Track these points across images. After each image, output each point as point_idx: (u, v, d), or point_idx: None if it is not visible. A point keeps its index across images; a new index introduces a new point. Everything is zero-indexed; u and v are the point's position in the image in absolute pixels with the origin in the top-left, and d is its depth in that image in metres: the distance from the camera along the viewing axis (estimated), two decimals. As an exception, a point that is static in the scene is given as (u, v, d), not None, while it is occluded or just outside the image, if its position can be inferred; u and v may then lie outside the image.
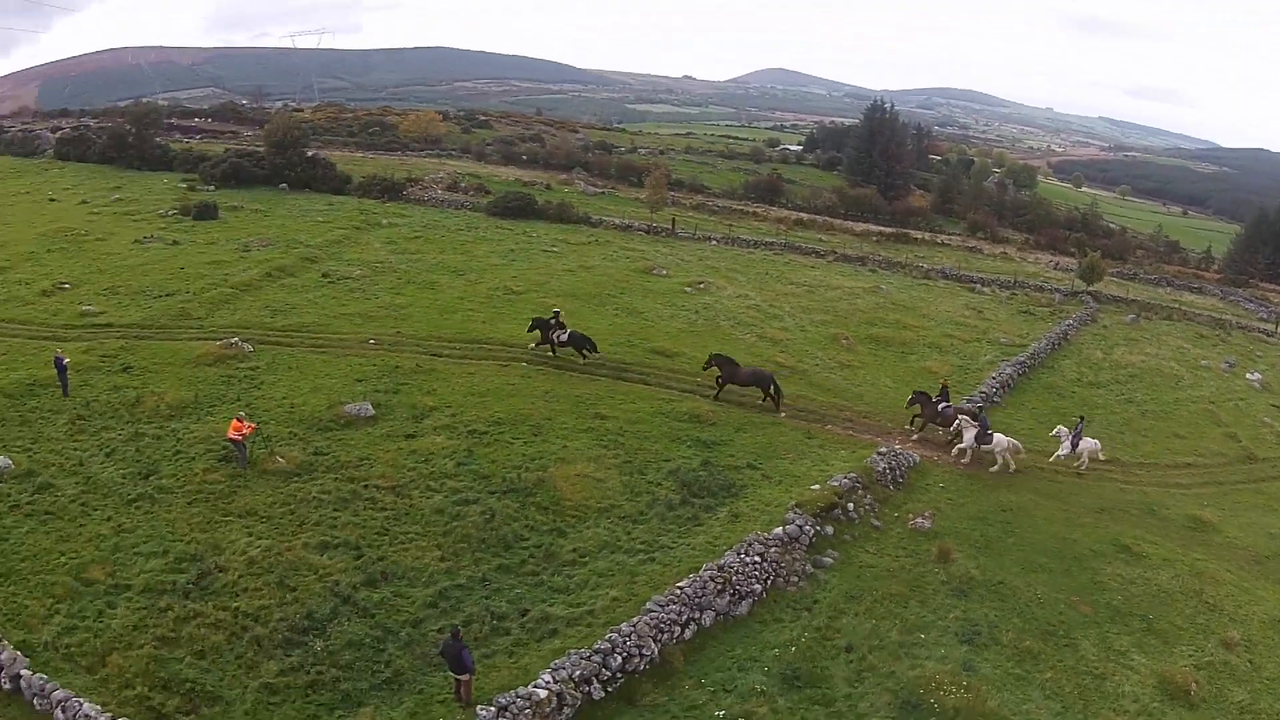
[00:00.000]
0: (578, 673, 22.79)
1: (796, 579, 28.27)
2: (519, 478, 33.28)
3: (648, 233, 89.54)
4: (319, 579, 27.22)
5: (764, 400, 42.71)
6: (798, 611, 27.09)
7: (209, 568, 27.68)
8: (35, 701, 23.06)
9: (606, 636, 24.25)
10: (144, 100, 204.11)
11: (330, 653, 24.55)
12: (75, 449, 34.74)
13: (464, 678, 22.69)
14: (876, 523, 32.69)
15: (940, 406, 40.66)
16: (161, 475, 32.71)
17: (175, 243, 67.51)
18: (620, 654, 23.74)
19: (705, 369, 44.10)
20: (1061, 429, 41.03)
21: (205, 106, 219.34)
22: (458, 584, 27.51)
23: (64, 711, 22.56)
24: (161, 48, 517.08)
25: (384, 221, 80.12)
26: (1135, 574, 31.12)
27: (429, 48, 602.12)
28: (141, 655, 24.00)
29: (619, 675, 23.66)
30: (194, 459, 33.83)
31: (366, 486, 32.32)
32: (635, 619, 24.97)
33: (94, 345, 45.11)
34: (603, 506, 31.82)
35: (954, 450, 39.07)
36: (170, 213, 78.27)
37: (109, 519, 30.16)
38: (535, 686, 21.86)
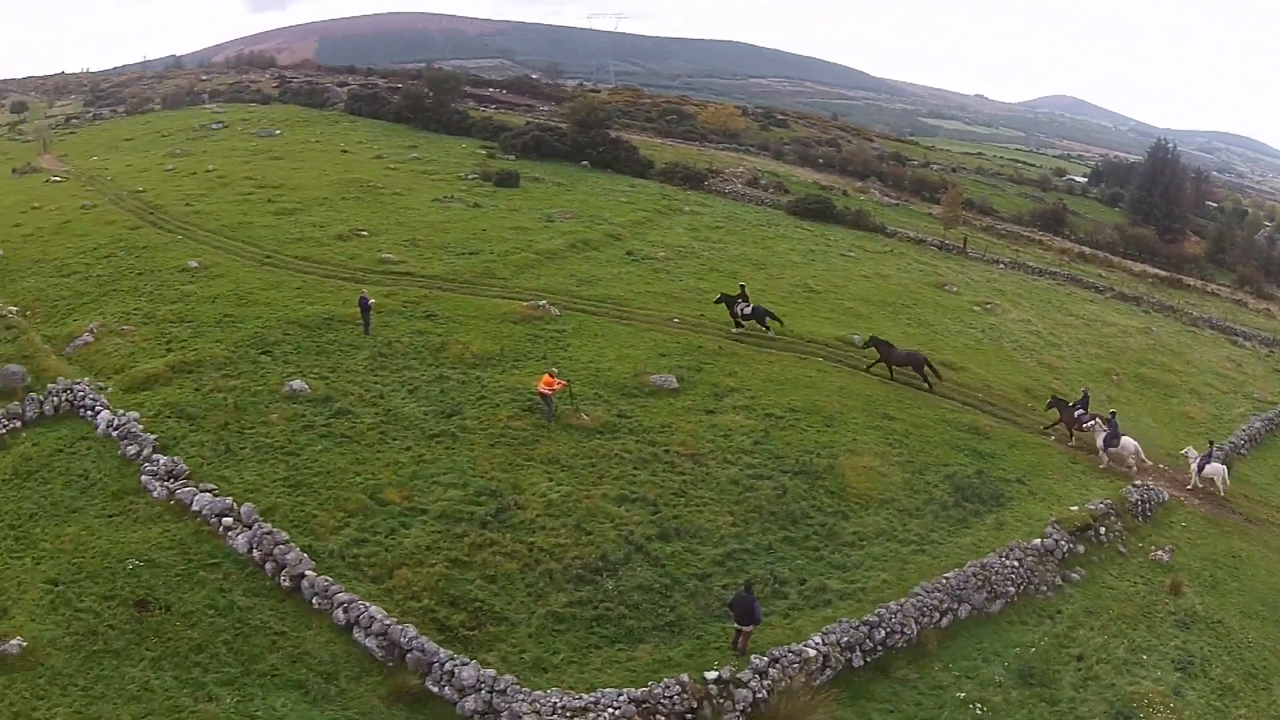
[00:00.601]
0: (845, 639, 29.06)
1: (1045, 588, 34.71)
2: (810, 461, 40.00)
3: (939, 249, 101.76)
4: (614, 527, 34.07)
5: (922, 380, 51.81)
6: (1041, 618, 33.37)
7: (509, 504, 34.73)
8: (315, 601, 29.91)
9: (875, 611, 30.40)
10: (435, 65, 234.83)
11: (620, 592, 31.10)
12: (375, 382, 43.86)
13: (748, 628, 28.32)
14: (1122, 549, 39.15)
15: (1078, 414, 48.27)
16: (465, 416, 41.01)
17: (476, 205, 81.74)
18: (884, 629, 29.96)
19: (864, 348, 53.78)
20: (1190, 450, 47.07)
21: (498, 77, 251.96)
22: (745, 548, 34.16)
23: (345, 612, 29.23)
24: (452, 16, 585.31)
25: (686, 208, 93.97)
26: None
27: (724, 41, 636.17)
28: (432, 573, 30.98)
29: (879, 648, 29.78)
30: (498, 406, 42.09)
31: (667, 451, 39.58)
32: (902, 600, 31.23)
33: (395, 291, 55.17)
34: (884, 498, 38.63)
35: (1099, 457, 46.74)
36: (470, 176, 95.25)
37: (408, 449, 38.41)
38: (806, 645, 28.24)
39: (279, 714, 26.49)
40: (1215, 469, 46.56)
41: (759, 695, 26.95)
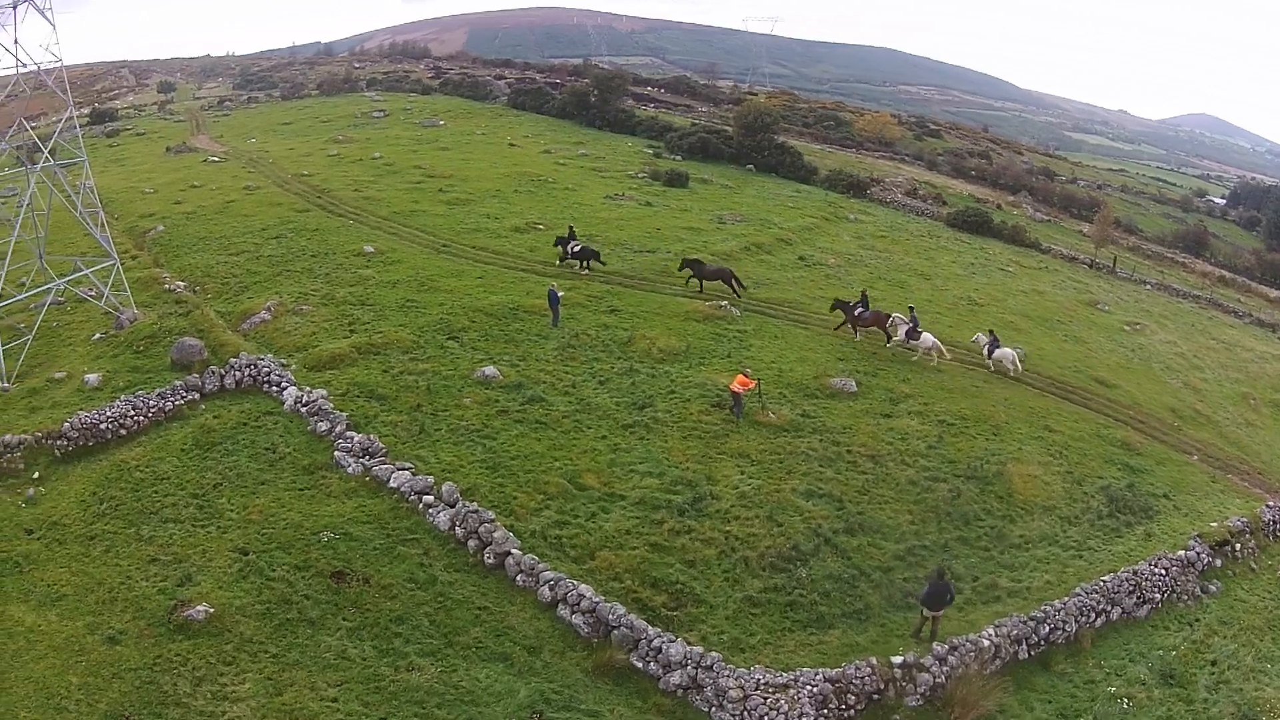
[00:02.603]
0: (1014, 633, 31.76)
1: (1186, 598, 37.17)
2: (980, 467, 42.54)
3: (1090, 266, 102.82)
4: (803, 520, 36.68)
5: (732, 291, 60.20)
6: (1181, 625, 35.65)
7: (704, 493, 37.22)
8: (519, 578, 31.87)
9: (1041, 608, 33.05)
10: (590, 61, 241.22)
11: (811, 580, 33.82)
12: (566, 372, 46.23)
13: (939, 613, 31.35)
14: (1254, 565, 40.82)
15: (858, 312, 56.00)
16: (656, 409, 43.49)
17: (648, 204, 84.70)
18: (1048, 625, 32.56)
19: (680, 271, 62.23)
20: (979, 336, 56.61)
21: (656, 76, 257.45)
22: (924, 544, 36.98)
23: (551, 589, 31.10)
24: (604, 13, 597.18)
25: (851, 216, 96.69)
26: None
27: (874, 47, 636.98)
28: (633, 556, 33.40)
29: (1042, 643, 32.43)
30: (688, 400, 44.64)
31: (849, 451, 42.23)
32: (1065, 599, 33.79)
33: (577, 285, 57.55)
34: (1046, 505, 41.11)
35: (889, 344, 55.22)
36: (640, 175, 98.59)
37: (603, 437, 40.65)
38: (981, 636, 31.00)
39: (483, 684, 28.10)
40: (1005, 353, 55.17)
41: (938, 680, 29.70)
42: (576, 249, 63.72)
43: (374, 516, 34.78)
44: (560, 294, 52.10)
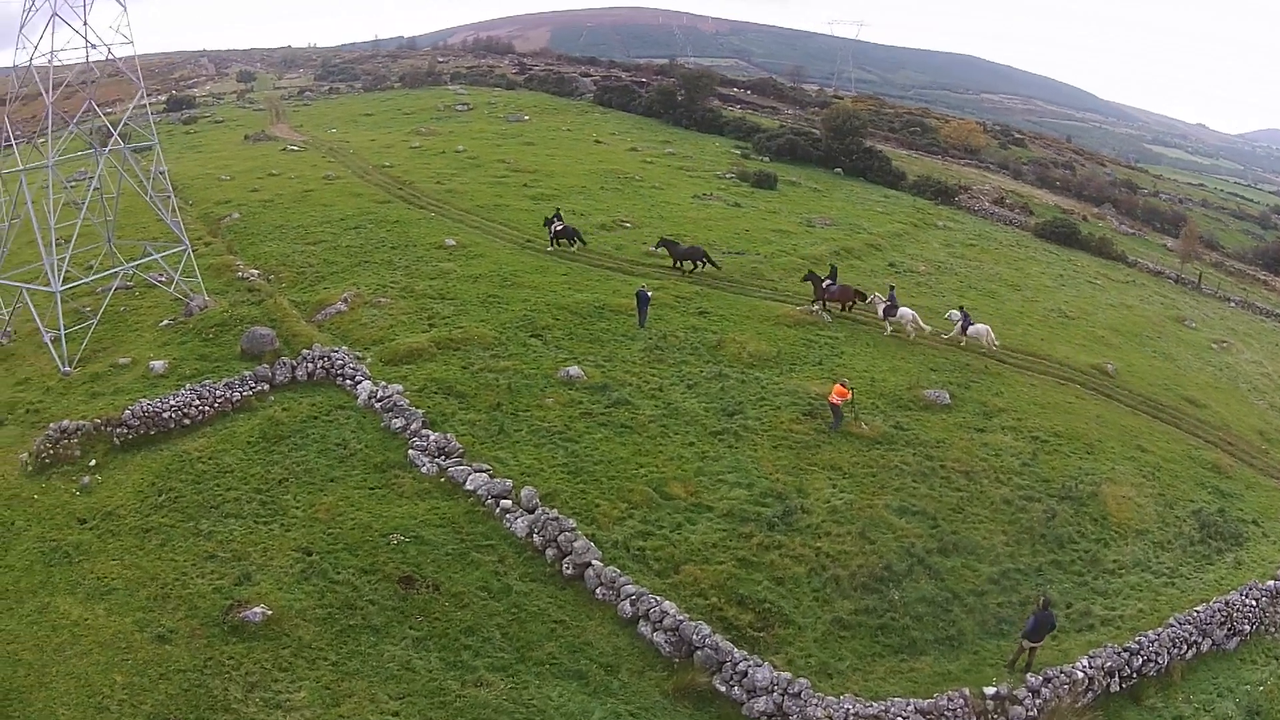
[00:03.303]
0: (1108, 664, 30.39)
1: (1274, 629, 35.85)
2: (1075, 487, 41.17)
3: (1175, 282, 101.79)
4: (896, 538, 35.44)
5: (696, 268, 62.78)
6: (1269, 658, 34.40)
7: (794, 507, 36.03)
8: (599, 591, 30.61)
9: (1134, 639, 31.74)
10: (677, 61, 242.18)
11: (904, 603, 32.49)
12: (653, 375, 45.15)
13: (1038, 645, 30.05)
14: None
15: (826, 285, 57.33)
16: (746, 416, 42.34)
17: (736, 205, 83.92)
18: (1141, 657, 31.24)
19: (656, 248, 64.61)
20: (953, 313, 56.94)
21: (741, 77, 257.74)
22: (1018, 568, 35.57)
23: (633, 604, 29.76)
24: (689, 14, 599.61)
25: (939, 223, 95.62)
26: None
27: (957, 54, 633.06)
28: (719, 571, 32.15)
29: (1134, 675, 31.11)
30: (779, 408, 43.48)
31: (943, 466, 40.94)
32: (1159, 630, 32.48)
33: (665, 285, 56.44)
34: (1140, 529, 39.68)
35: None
36: (727, 175, 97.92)
37: (691, 444, 39.41)
38: (1075, 667, 29.69)
39: (555, 704, 26.86)
40: (979, 329, 55.81)
41: (1030, 714, 28.55)
42: (559, 228, 65.79)
43: (447, 520, 33.84)
44: (650, 294, 51.19)
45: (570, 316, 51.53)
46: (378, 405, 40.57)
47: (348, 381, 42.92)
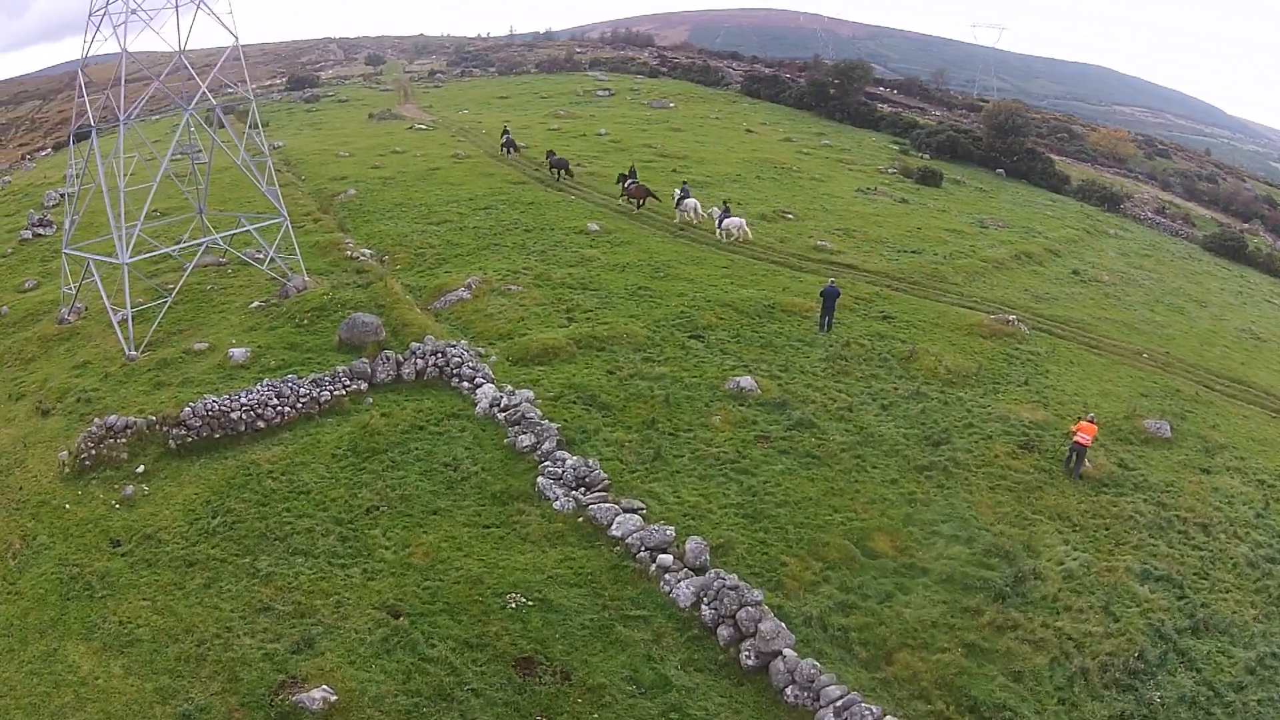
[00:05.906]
0: None
1: None
2: None
3: None
4: (1141, 613, 27.48)
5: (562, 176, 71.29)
6: None
7: (1026, 571, 28.24)
8: (789, 692, 22.65)
9: None
10: (820, 59, 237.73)
11: (1164, 706, 24.32)
12: (839, 390, 37.92)
13: None
14: None
15: (628, 184, 64.76)
16: (954, 447, 34.70)
17: (904, 201, 78.20)
18: None
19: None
20: (714, 209, 60.37)
21: (884, 79, 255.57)
22: (1273, 651, 27.12)
23: (837, 715, 21.59)
24: (828, 17, 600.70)
25: (1110, 231, 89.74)
26: None
27: (1089, 65, 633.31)
28: (943, 661, 24.37)
29: None
30: (990, 437, 35.95)
31: (1179, 517, 33.25)
32: None
33: (842, 284, 48.61)
34: None
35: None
36: (890, 170, 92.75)
37: (893, 482, 31.99)
38: None
39: None
40: (733, 221, 58.35)
41: None
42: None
43: (585, 577, 26.40)
44: (840, 292, 44.52)
45: (735, 315, 44.92)
46: (501, 416, 33.81)
47: (465, 384, 36.33)
